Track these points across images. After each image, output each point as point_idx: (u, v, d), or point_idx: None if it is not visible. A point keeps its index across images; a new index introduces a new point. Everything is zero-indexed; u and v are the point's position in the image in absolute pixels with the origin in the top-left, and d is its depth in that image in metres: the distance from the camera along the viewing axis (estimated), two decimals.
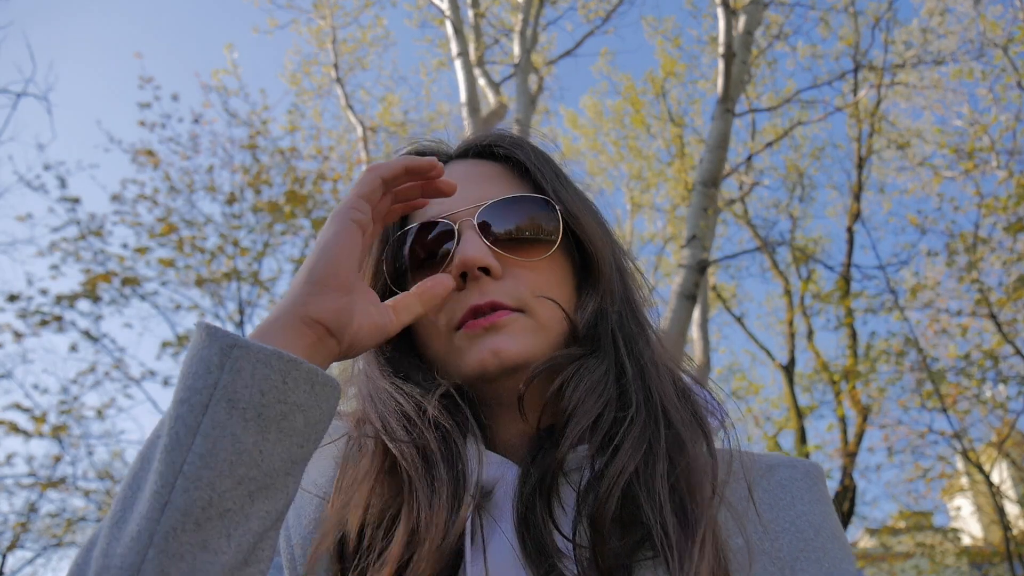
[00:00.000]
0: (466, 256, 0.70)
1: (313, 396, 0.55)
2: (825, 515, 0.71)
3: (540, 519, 0.63)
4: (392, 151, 0.84)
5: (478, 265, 0.69)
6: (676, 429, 0.68)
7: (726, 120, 5.42)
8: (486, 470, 0.67)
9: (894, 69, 9.16)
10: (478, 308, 0.69)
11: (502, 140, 0.81)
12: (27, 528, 6.79)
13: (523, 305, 0.70)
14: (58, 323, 6.22)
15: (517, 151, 0.79)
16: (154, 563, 0.48)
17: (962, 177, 8.84)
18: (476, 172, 0.79)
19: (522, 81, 6.38)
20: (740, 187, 10.59)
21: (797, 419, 9.84)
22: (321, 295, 0.60)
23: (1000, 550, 9.01)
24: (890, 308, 8.47)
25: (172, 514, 0.49)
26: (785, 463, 0.74)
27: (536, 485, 0.65)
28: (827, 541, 0.69)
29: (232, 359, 0.52)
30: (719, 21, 5.58)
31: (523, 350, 0.69)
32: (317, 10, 9.69)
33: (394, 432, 0.68)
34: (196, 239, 6.82)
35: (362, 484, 0.68)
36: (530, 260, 0.72)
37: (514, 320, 0.69)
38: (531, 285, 0.71)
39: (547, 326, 0.71)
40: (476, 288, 0.70)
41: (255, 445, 0.52)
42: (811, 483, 0.73)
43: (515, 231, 0.73)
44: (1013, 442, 9.84)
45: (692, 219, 5.11)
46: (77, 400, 6.32)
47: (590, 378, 0.68)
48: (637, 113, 11.19)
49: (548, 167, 0.78)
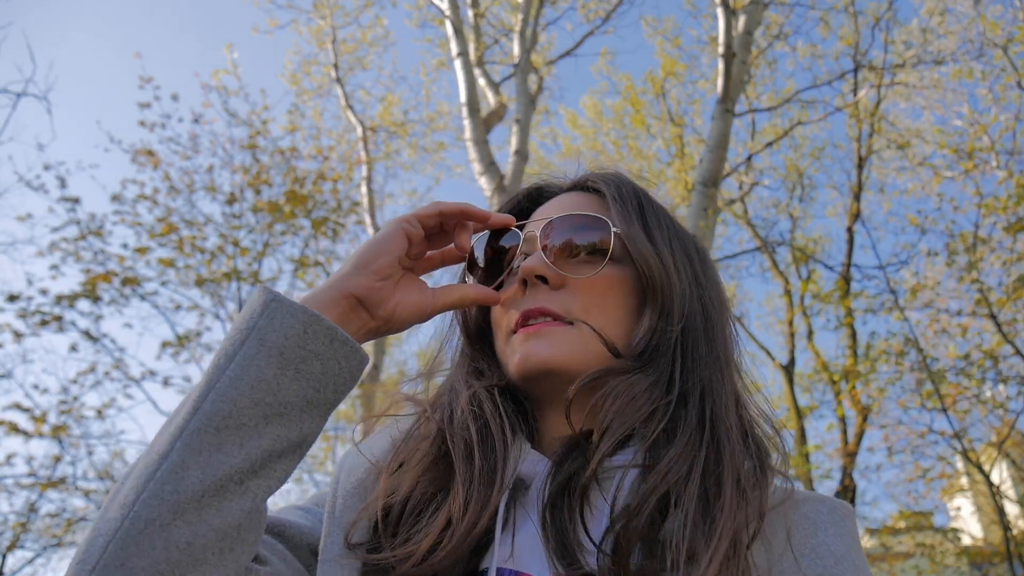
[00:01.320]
0: (526, 264, 0.79)
1: (331, 349, 0.66)
2: (849, 548, 0.70)
3: (565, 516, 0.67)
4: (524, 179, 0.91)
5: (535, 274, 0.78)
6: (724, 455, 0.70)
7: (726, 120, 5.42)
8: (524, 464, 0.73)
9: (894, 69, 9.16)
10: (528, 313, 0.77)
11: (592, 176, 0.89)
12: (27, 528, 6.80)
13: (571, 317, 0.76)
14: (58, 323, 6.22)
15: (600, 183, 0.87)
16: (179, 452, 0.59)
17: (962, 177, 8.85)
18: (567, 201, 0.87)
19: (522, 81, 6.37)
20: (740, 187, 10.59)
21: (797, 419, 9.84)
22: (359, 275, 0.72)
23: (1000, 550, 9.01)
24: (890, 308, 8.48)
25: (200, 417, 0.60)
26: (814, 499, 0.75)
27: (564, 484, 0.69)
28: (847, 570, 0.68)
29: (270, 309, 0.65)
30: (719, 21, 5.58)
31: (553, 356, 0.74)
32: (317, 10, 9.69)
33: (452, 418, 0.76)
34: (196, 239, 6.82)
35: (417, 464, 0.74)
36: (583, 277, 0.78)
37: (557, 331, 0.76)
38: (583, 300, 0.77)
39: (587, 339, 0.75)
40: (532, 295, 0.78)
41: (274, 377, 0.63)
42: (838, 518, 0.73)
43: (570, 247, 0.80)
44: (1013, 442, 9.83)
45: (692, 219, 5.11)
46: (77, 400, 6.32)
47: (630, 392, 0.71)
48: (637, 113, 11.19)
49: (630, 200, 0.84)
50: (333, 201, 7.53)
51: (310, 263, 7.23)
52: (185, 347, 6.58)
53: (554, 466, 0.71)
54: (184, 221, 6.92)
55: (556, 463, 0.71)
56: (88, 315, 6.36)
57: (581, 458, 0.70)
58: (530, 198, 0.93)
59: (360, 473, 0.78)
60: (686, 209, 5.40)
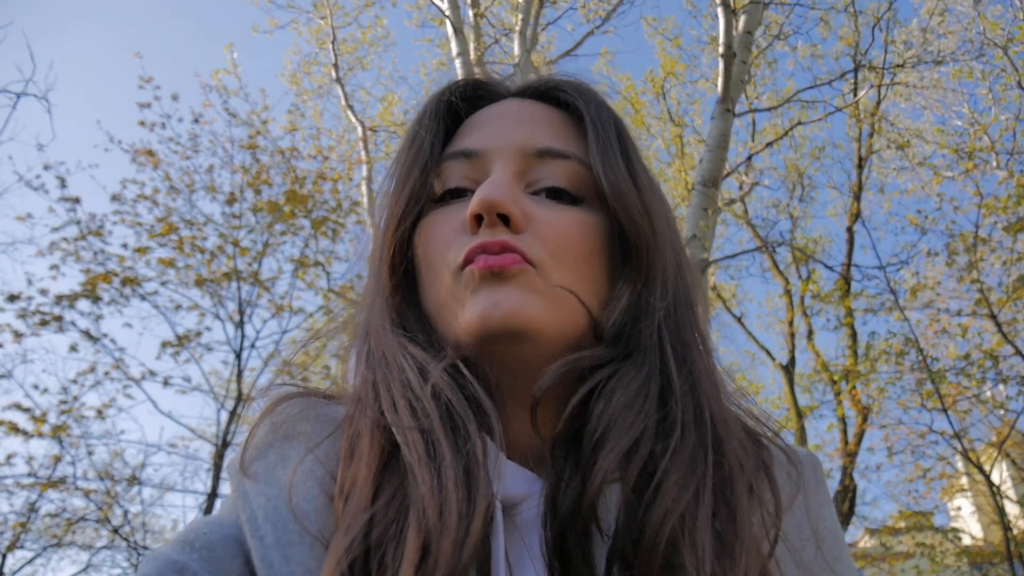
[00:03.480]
0: (487, 196, 0.56)
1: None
2: (833, 517, 0.65)
3: (578, 556, 0.50)
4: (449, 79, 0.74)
5: (498, 211, 0.57)
6: (730, 460, 0.55)
7: (726, 120, 5.42)
8: (507, 486, 0.53)
9: (894, 69, 9.16)
10: (487, 245, 0.56)
11: (566, 85, 0.69)
12: (27, 528, 6.78)
13: (539, 262, 0.56)
14: (58, 323, 6.21)
15: (579, 100, 0.66)
16: None
17: (962, 177, 8.84)
18: (528, 113, 0.66)
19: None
20: (740, 187, 10.59)
21: (797, 419, 9.84)
22: None
23: (1000, 550, 9.01)
24: (890, 308, 8.47)
25: None
26: (792, 458, 0.63)
27: (573, 510, 0.51)
28: (842, 549, 0.63)
29: None
30: (719, 21, 5.58)
31: (531, 313, 0.54)
32: (317, 10, 9.69)
33: (398, 410, 0.53)
34: (196, 239, 6.81)
35: (362, 488, 0.50)
36: (553, 218, 0.59)
37: (527, 272, 0.55)
38: (550, 242, 0.58)
39: (560, 298, 0.56)
40: (489, 235, 0.57)
41: None
42: (820, 478, 0.65)
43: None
44: (1013, 442, 9.83)
45: (692, 219, 5.11)
46: (77, 400, 6.31)
47: (625, 392, 0.54)
48: (637, 113, 11.18)
49: (610, 128, 0.64)
50: (333, 201, 7.53)
51: (310, 263, 7.22)
52: (185, 347, 6.57)
53: (551, 490, 0.52)
54: (184, 221, 6.92)
55: (552, 486, 0.53)
56: (88, 315, 6.36)
57: (577, 477, 0.52)
58: (466, 98, 0.71)
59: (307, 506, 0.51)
60: (686, 209, 5.40)
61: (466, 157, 0.63)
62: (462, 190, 0.63)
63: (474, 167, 0.63)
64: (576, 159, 0.62)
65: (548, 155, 0.62)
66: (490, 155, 0.62)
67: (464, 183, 0.63)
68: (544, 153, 0.62)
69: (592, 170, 0.62)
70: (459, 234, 0.59)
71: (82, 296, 6.30)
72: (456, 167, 0.64)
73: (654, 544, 0.48)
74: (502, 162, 0.61)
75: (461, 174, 0.63)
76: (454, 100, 0.70)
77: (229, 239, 6.89)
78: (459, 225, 0.60)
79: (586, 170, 0.62)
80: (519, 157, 0.62)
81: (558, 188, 0.61)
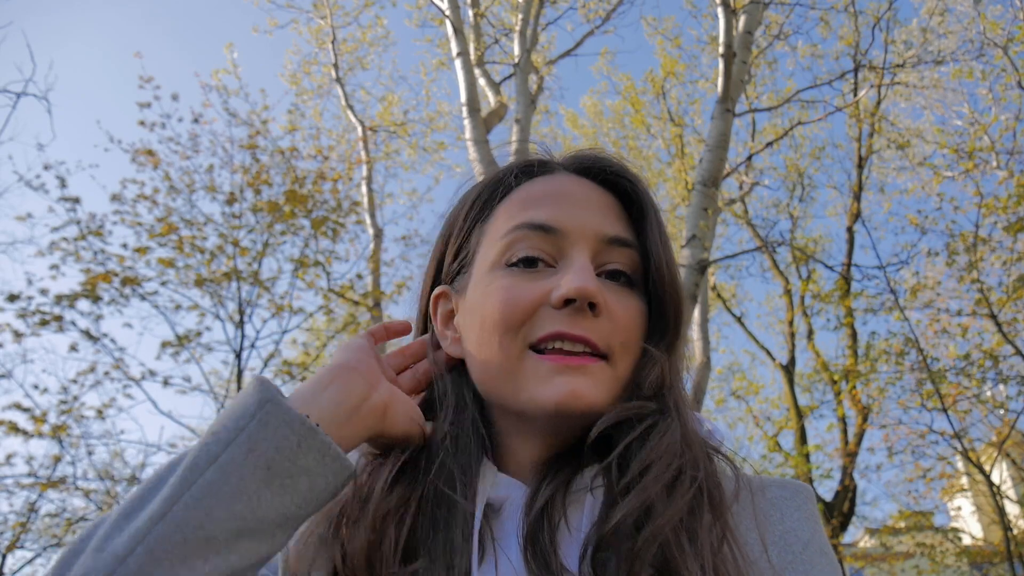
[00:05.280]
0: (584, 286, 0.67)
1: (321, 464, 0.59)
2: (813, 532, 0.71)
3: (546, 540, 0.64)
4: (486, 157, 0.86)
5: (590, 300, 0.67)
6: (700, 465, 0.67)
7: (726, 120, 5.42)
8: (496, 490, 0.69)
9: (894, 69, 9.16)
10: (566, 335, 0.67)
11: (625, 172, 0.78)
12: (27, 528, 6.79)
13: (610, 352, 0.69)
14: (58, 323, 6.21)
15: (639, 191, 0.77)
16: (138, 558, 0.52)
17: (962, 177, 8.84)
18: (595, 198, 0.76)
19: (522, 81, 6.37)
20: (740, 187, 10.59)
21: (797, 419, 9.85)
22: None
23: (1000, 550, 9.01)
24: (890, 308, 8.47)
25: (168, 524, 0.53)
26: (776, 483, 0.74)
27: (544, 506, 0.66)
28: (815, 555, 0.68)
29: (264, 412, 0.58)
30: (719, 21, 5.58)
31: (600, 399, 0.67)
32: (317, 10, 9.69)
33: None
34: (196, 239, 6.81)
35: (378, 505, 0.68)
36: (624, 309, 0.71)
37: (599, 368, 0.68)
38: (622, 333, 0.70)
39: (621, 378, 0.70)
40: (575, 319, 0.68)
41: (256, 491, 0.56)
42: (800, 502, 0.73)
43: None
44: (1013, 442, 9.84)
45: (692, 219, 5.11)
46: (77, 400, 6.31)
47: (668, 437, 0.66)
48: (637, 113, 11.20)
49: (660, 218, 0.76)
50: (333, 201, 7.52)
51: (310, 263, 7.22)
52: (185, 347, 6.57)
53: (534, 489, 0.68)
54: (184, 221, 6.91)
55: (535, 486, 0.68)
56: (88, 315, 6.36)
57: (555, 482, 0.67)
58: (525, 173, 0.80)
59: None
60: (686, 209, 5.40)
61: (544, 232, 0.72)
62: (533, 259, 0.72)
63: (549, 242, 0.72)
64: (635, 248, 0.74)
65: (616, 243, 0.73)
66: (568, 235, 0.72)
67: (539, 255, 0.72)
68: (614, 241, 0.73)
69: (651, 259, 0.73)
70: (538, 306, 0.69)
71: (82, 296, 6.30)
72: (532, 238, 0.72)
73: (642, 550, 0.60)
74: (580, 247, 0.71)
75: (536, 247, 0.72)
76: (509, 177, 0.79)
77: (229, 239, 6.89)
78: (538, 297, 0.70)
79: (640, 257, 0.74)
80: (594, 242, 0.72)
81: (622, 272, 0.73)
